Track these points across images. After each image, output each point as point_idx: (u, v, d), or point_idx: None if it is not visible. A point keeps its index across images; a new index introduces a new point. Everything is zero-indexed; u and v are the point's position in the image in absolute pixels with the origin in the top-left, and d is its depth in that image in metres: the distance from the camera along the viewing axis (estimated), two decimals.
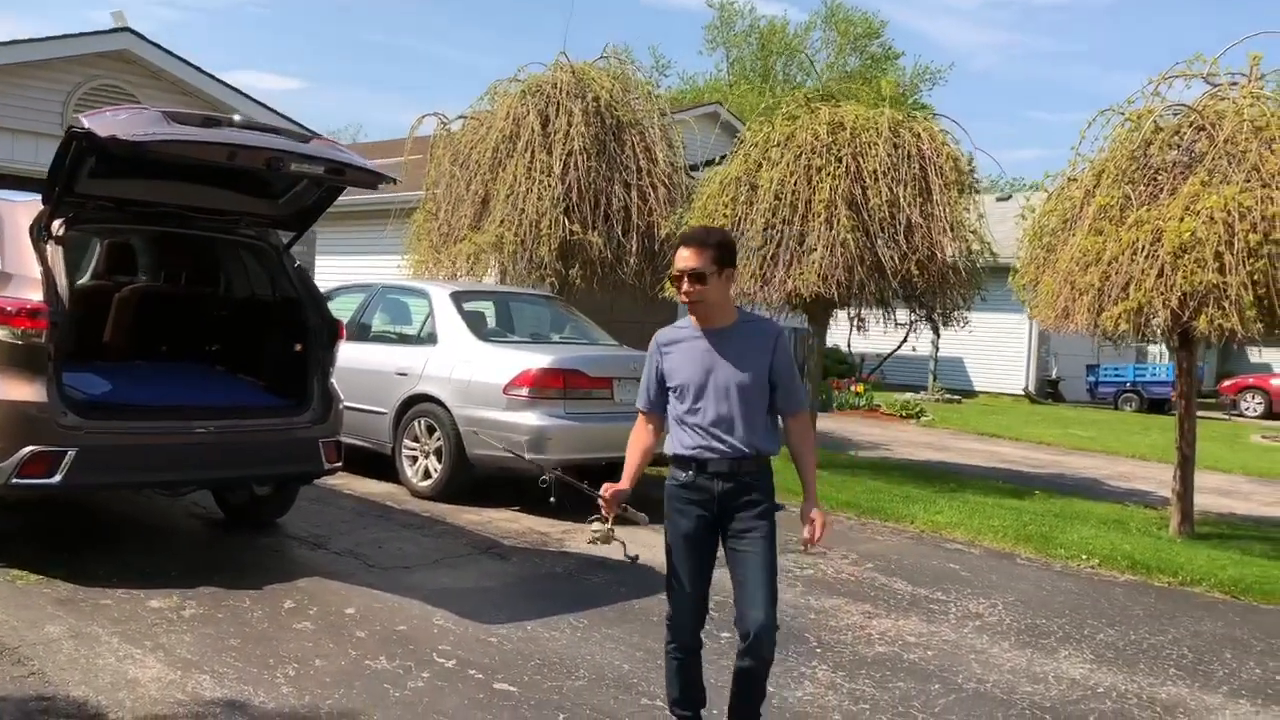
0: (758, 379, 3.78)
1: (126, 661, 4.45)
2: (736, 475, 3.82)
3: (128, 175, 5.81)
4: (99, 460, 5.45)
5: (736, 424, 3.78)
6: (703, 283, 3.72)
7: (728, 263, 3.78)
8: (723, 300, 3.80)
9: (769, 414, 3.85)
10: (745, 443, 3.79)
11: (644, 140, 12.17)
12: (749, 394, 3.77)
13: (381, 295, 9.37)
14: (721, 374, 3.78)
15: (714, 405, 3.79)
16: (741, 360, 3.78)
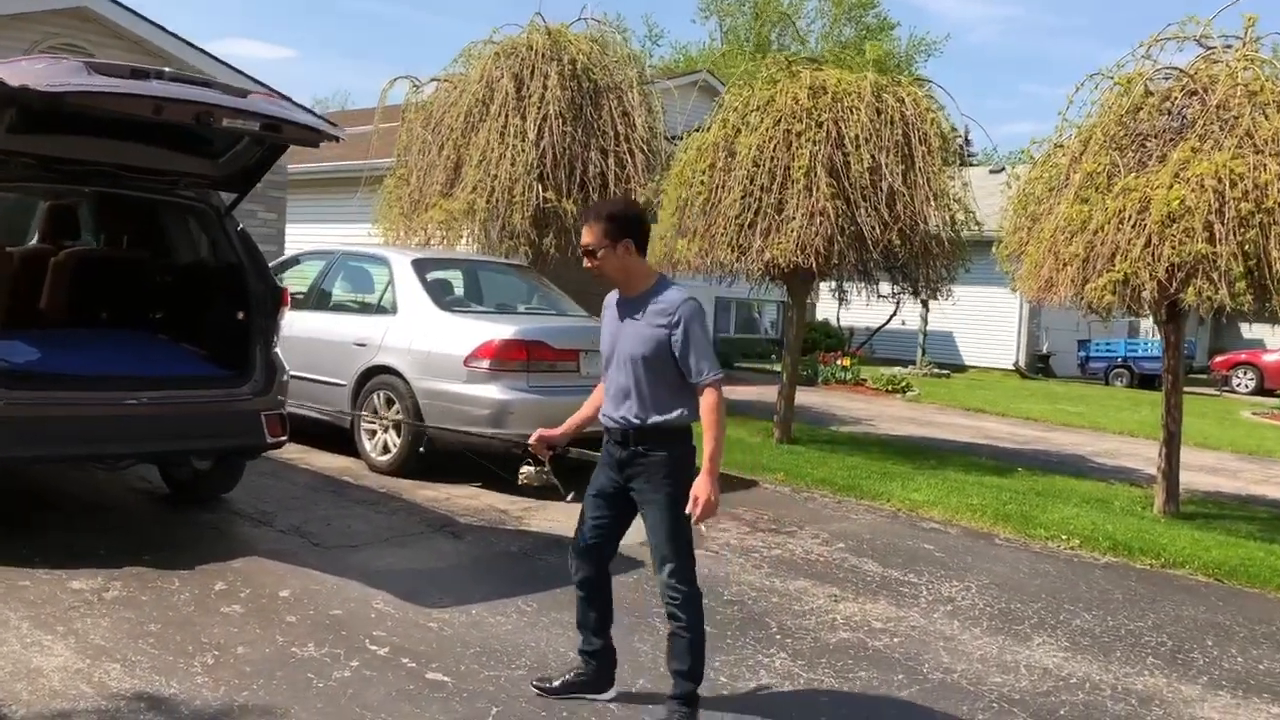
0: (657, 350, 3.77)
1: (33, 649, 4.16)
2: (629, 444, 3.87)
3: (54, 131, 5.47)
4: (21, 433, 5.15)
5: (632, 394, 3.83)
6: (594, 257, 3.81)
7: (623, 234, 3.81)
8: (621, 271, 3.85)
9: (675, 384, 3.81)
10: (638, 414, 3.83)
11: (622, 105, 11.80)
12: (645, 365, 3.79)
13: (342, 263, 9.03)
14: (623, 344, 3.86)
15: (615, 374, 3.89)
16: (641, 331, 3.81)
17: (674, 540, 3.86)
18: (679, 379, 3.79)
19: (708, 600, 5.39)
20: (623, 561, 6.04)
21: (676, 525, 3.83)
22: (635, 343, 3.81)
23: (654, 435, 3.83)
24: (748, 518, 7.46)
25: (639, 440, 3.85)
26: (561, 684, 4.15)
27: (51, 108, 4.93)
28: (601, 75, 11.89)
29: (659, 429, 3.82)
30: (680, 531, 3.85)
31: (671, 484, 3.82)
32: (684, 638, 3.89)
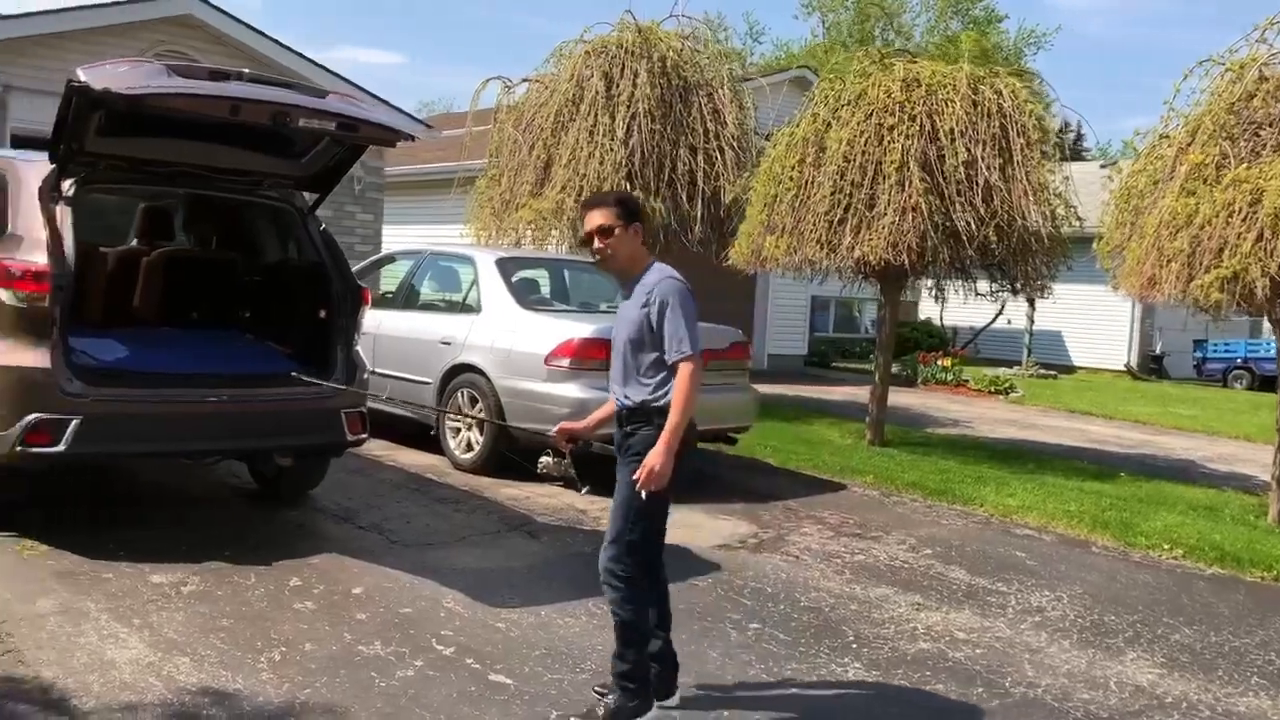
0: (639, 330, 3.82)
1: (108, 641, 4.24)
2: (623, 424, 3.91)
3: (142, 133, 5.60)
4: (105, 428, 5.26)
5: (620, 376, 3.91)
6: (611, 235, 3.87)
7: (633, 218, 3.93)
8: (630, 255, 3.93)
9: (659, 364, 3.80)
10: (626, 394, 3.89)
11: (713, 102, 11.69)
12: (631, 346, 3.85)
13: (430, 262, 9.10)
14: (618, 328, 3.95)
15: (614, 358, 3.97)
16: (629, 313, 3.88)
17: (627, 521, 3.82)
18: (661, 359, 3.78)
19: (783, 606, 5.33)
20: (698, 564, 5.98)
21: (634, 506, 3.78)
22: (624, 325, 3.88)
23: (639, 415, 3.82)
24: (832, 521, 7.28)
25: (628, 420, 3.86)
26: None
27: (134, 110, 5.04)
28: (692, 72, 11.79)
29: (643, 408, 3.81)
30: (636, 514, 3.79)
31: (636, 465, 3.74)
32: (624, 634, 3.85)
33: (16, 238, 5.45)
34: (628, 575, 3.82)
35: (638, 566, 3.84)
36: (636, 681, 3.85)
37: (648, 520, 3.83)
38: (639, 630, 3.86)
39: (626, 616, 3.84)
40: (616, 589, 3.83)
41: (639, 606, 3.85)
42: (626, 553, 3.82)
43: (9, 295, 5.24)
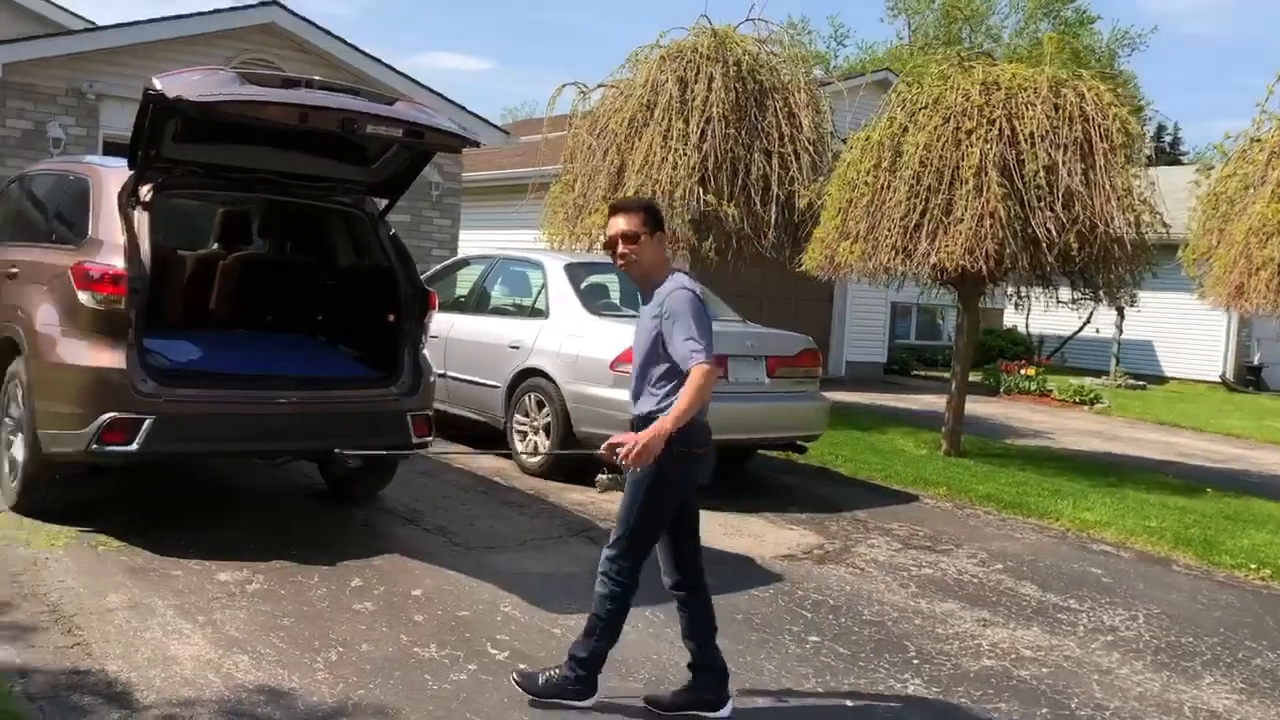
0: (651, 340, 3.84)
1: (172, 637, 4.33)
2: (638, 428, 3.83)
3: (217, 140, 5.73)
4: (177, 428, 5.39)
5: (637, 386, 3.94)
6: (636, 242, 3.86)
7: (659, 226, 3.93)
8: (654, 262, 3.92)
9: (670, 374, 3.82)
10: (640, 405, 3.92)
11: (789, 105, 11.58)
12: (646, 356, 3.88)
13: (501, 267, 9.17)
14: (636, 336, 3.97)
15: (633, 368, 3.98)
16: (645, 324, 3.90)
17: (626, 515, 3.88)
18: (673, 369, 3.79)
19: (844, 619, 5.24)
20: (760, 574, 5.91)
21: (635, 503, 3.85)
22: (641, 335, 3.91)
23: (646, 425, 3.78)
24: (901, 534, 7.14)
25: (638, 429, 3.81)
26: (670, 700, 4.05)
27: (207, 117, 5.16)
28: (768, 75, 11.70)
29: (650, 419, 3.79)
30: (640, 518, 3.86)
31: (655, 472, 3.78)
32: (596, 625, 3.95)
33: (97, 241, 5.61)
34: (623, 578, 3.91)
35: (634, 570, 3.93)
36: (587, 669, 3.96)
37: (651, 524, 3.90)
38: (611, 628, 3.97)
39: (605, 615, 3.95)
40: (607, 586, 3.92)
41: (620, 608, 3.95)
42: (625, 555, 3.89)
43: (88, 297, 5.39)
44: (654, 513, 3.87)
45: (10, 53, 10.84)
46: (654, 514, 3.87)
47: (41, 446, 5.51)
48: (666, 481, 3.81)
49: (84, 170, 6.22)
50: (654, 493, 3.81)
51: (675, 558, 4.05)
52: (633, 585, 3.94)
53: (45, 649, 4.10)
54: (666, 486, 3.83)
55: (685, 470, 3.86)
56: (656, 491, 3.81)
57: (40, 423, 5.49)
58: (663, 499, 3.84)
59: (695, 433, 3.84)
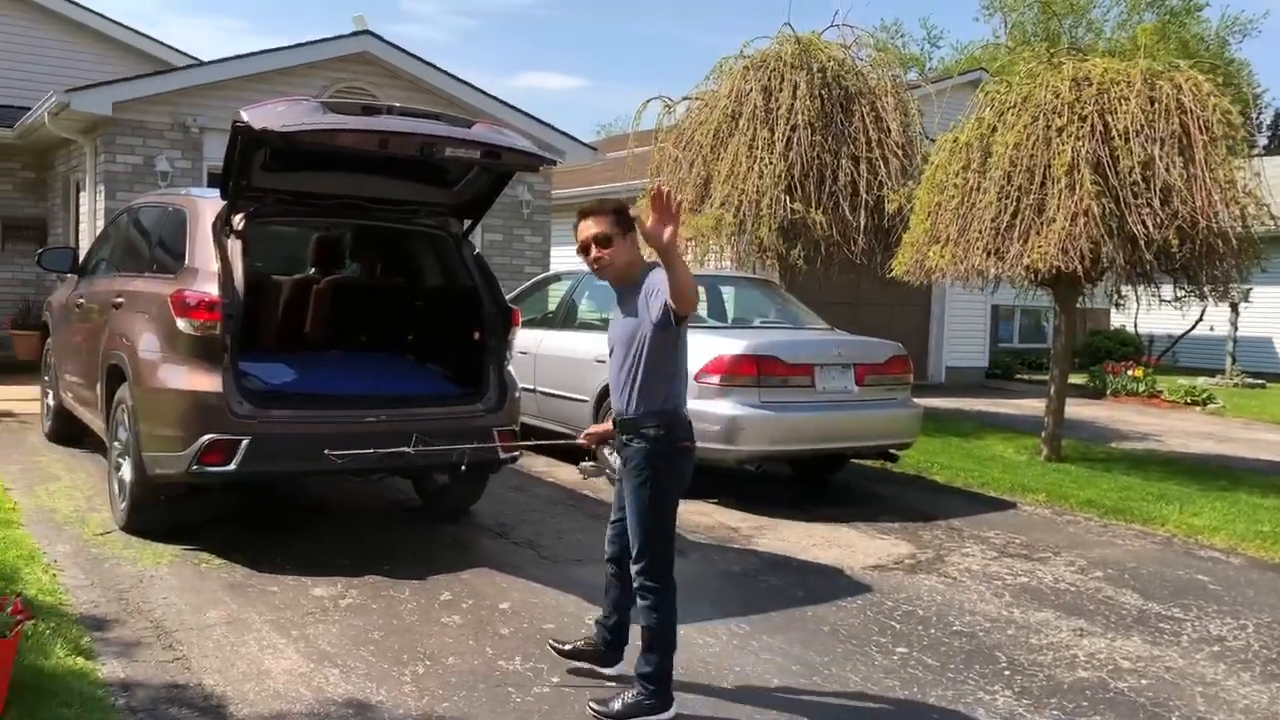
0: (640, 331, 3.80)
1: (267, 652, 4.47)
2: (623, 431, 3.94)
3: (305, 168, 5.92)
4: (272, 448, 5.56)
5: (621, 382, 3.90)
6: (609, 245, 3.88)
7: (630, 226, 3.90)
8: (629, 263, 3.92)
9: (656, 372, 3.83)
10: (626, 400, 3.89)
11: (875, 110, 11.47)
12: (631, 350, 3.84)
13: (587, 281, 9.24)
14: (616, 332, 3.96)
15: (612, 364, 3.97)
16: (628, 317, 3.87)
17: (640, 520, 3.90)
18: (662, 363, 3.82)
19: (935, 630, 5.15)
20: (848, 584, 5.85)
21: (644, 507, 3.88)
22: (624, 329, 3.89)
23: (630, 427, 3.89)
24: (997, 541, 6.99)
25: (622, 430, 3.92)
26: (573, 649, 4.37)
27: (292, 146, 5.33)
28: (853, 81, 11.61)
29: (634, 420, 3.87)
30: (652, 522, 3.90)
31: (649, 474, 3.86)
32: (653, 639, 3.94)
33: (194, 270, 5.84)
34: (658, 584, 3.93)
35: (666, 570, 3.95)
36: (656, 684, 3.95)
37: (662, 523, 3.95)
38: (667, 636, 3.96)
39: (656, 624, 3.94)
40: (648, 598, 3.93)
41: (668, 612, 3.95)
42: (653, 561, 3.92)
43: (186, 324, 5.61)
44: (661, 512, 3.93)
45: (119, 92, 11.35)
46: (662, 513, 3.93)
47: (146, 468, 5.75)
48: (662, 479, 3.90)
49: (182, 201, 6.49)
50: (656, 493, 3.89)
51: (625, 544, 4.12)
52: (670, 587, 3.98)
53: (148, 664, 4.27)
54: (663, 484, 3.91)
55: (677, 465, 3.95)
56: (657, 491, 3.89)
57: (144, 445, 5.73)
58: (665, 496, 3.92)
59: (682, 428, 3.95)
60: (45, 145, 13.72)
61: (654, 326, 3.75)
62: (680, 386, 3.96)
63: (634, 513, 3.93)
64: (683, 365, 3.97)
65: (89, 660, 4.20)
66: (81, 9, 15.00)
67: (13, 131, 13.43)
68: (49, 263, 8.20)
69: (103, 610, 4.83)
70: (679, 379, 3.94)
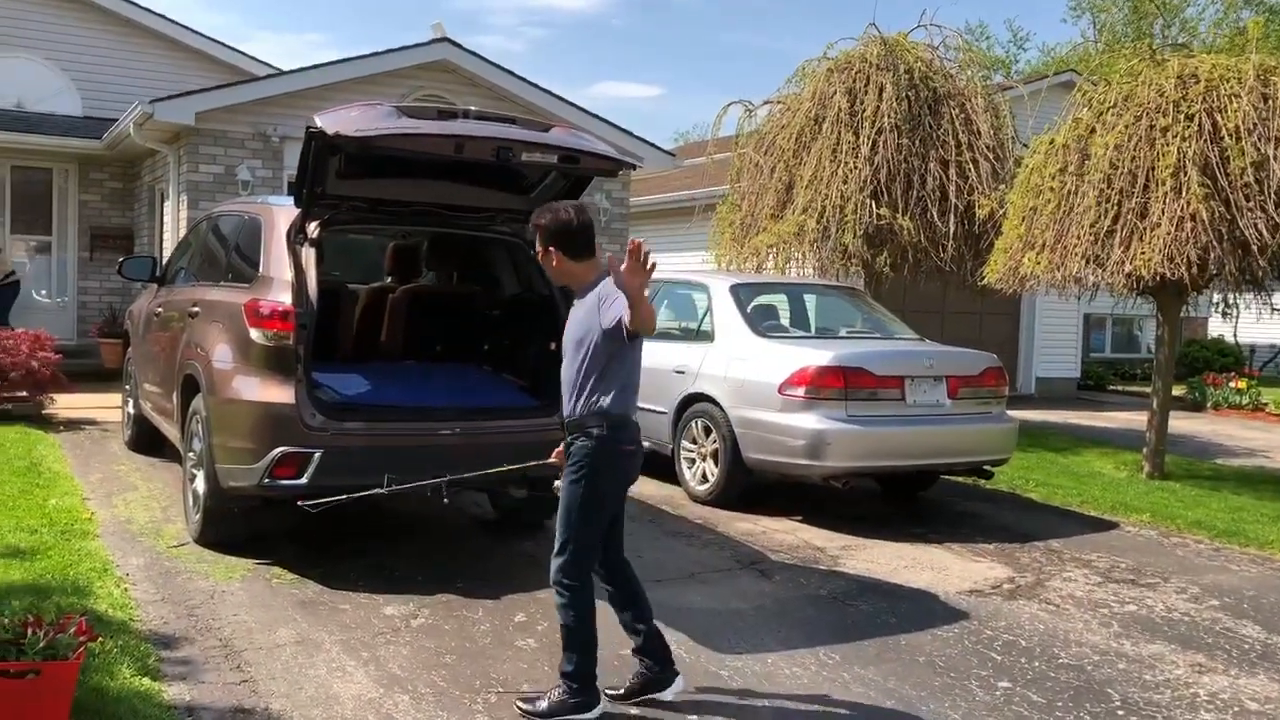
0: (591, 336, 3.88)
1: (335, 674, 4.31)
2: (569, 431, 4.00)
3: (380, 175, 5.79)
4: (344, 461, 5.43)
5: (571, 383, 3.97)
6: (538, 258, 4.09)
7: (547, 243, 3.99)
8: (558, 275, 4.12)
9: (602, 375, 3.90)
10: (574, 401, 3.96)
11: (965, 112, 11.08)
12: (580, 352, 3.93)
13: (666, 290, 9.01)
14: (568, 333, 4.04)
15: (564, 366, 4.04)
16: (581, 322, 3.96)
17: (571, 528, 3.94)
18: (610, 368, 3.89)
19: (1039, 662, 4.81)
20: (943, 611, 5.52)
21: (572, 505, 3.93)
22: (576, 330, 3.97)
23: (575, 426, 3.95)
24: (1100, 565, 6.59)
25: (569, 430, 3.99)
26: (626, 690, 4.18)
27: (366, 152, 5.19)
28: (942, 82, 11.24)
29: (579, 419, 3.94)
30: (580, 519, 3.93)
31: (587, 472, 3.91)
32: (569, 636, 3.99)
33: (268, 279, 5.74)
34: (575, 583, 3.94)
35: (585, 572, 3.98)
36: (579, 681, 3.98)
37: (590, 522, 3.97)
38: (584, 634, 3.98)
39: (572, 622, 3.96)
40: (564, 595, 3.94)
41: (583, 611, 3.96)
42: (573, 560, 3.94)
43: (259, 334, 5.51)
44: (591, 511, 3.95)
45: (202, 102, 11.42)
46: (590, 512, 3.95)
47: (220, 480, 5.65)
48: (599, 478, 3.92)
49: (257, 210, 6.40)
50: (590, 491, 3.92)
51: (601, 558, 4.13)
52: (588, 585, 3.99)
53: (214, 685, 4.13)
54: (600, 483, 3.93)
55: (618, 466, 3.98)
56: (592, 489, 3.92)
57: (218, 457, 5.64)
58: (599, 496, 3.95)
59: (626, 429, 3.98)
60: (132, 155, 13.93)
61: (603, 332, 3.83)
62: (630, 395, 4.01)
63: (564, 508, 3.96)
64: (634, 375, 4.02)
65: (155, 681, 4.07)
66: (168, 21, 15.22)
67: (101, 142, 13.66)
68: (129, 272, 8.22)
69: (172, 627, 4.72)
70: (630, 388, 3.99)
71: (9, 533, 5.83)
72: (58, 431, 9.37)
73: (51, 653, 3.43)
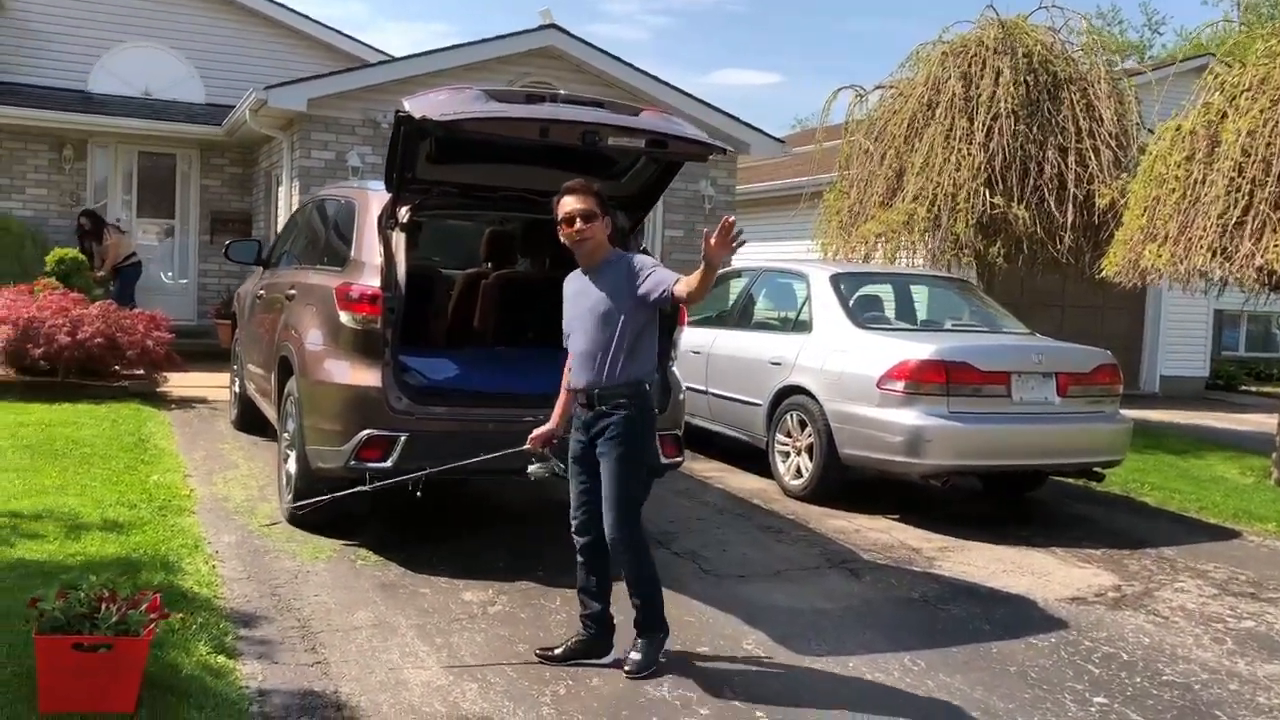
0: (623, 307, 4.13)
1: (407, 660, 4.29)
2: (593, 406, 4.23)
3: (470, 159, 5.76)
4: (427, 445, 5.42)
5: (597, 355, 4.18)
6: (591, 220, 4.21)
7: (607, 209, 4.34)
8: (601, 242, 4.28)
9: (634, 345, 4.17)
10: (605, 371, 4.17)
11: (1086, 97, 10.61)
12: (612, 325, 4.14)
13: (764, 279, 8.83)
14: (584, 307, 4.24)
15: (580, 338, 4.25)
16: (609, 293, 4.17)
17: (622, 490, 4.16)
18: (643, 336, 4.19)
19: (1140, 679, 4.54)
20: (1040, 619, 5.26)
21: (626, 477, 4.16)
22: (604, 304, 4.16)
23: (612, 396, 4.18)
24: (1217, 576, 6.21)
25: (600, 401, 4.19)
26: (564, 651, 4.33)
27: (452, 136, 5.16)
28: (1062, 66, 10.77)
29: (615, 389, 4.17)
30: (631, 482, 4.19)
31: (631, 440, 4.16)
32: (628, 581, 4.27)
33: (359, 263, 5.77)
34: (633, 533, 4.21)
35: (637, 520, 4.24)
36: (657, 619, 4.31)
37: (639, 486, 4.29)
38: (650, 573, 4.30)
39: (637, 569, 4.25)
40: (625, 550, 4.20)
41: (645, 554, 4.29)
42: (626, 515, 4.18)
43: (348, 318, 5.55)
44: (637, 469, 4.23)
45: (313, 89, 11.65)
46: (637, 470, 4.23)
47: (309, 461, 5.71)
48: (642, 441, 4.24)
49: (353, 194, 6.45)
50: (635, 452, 4.19)
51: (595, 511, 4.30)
52: (640, 530, 4.28)
53: (288, 666, 4.15)
54: (641, 445, 4.25)
55: (652, 427, 4.36)
56: (636, 451, 4.20)
57: (308, 438, 5.70)
58: (640, 455, 4.24)
59: (651, 398, 4.34)
60: (250, 141, 14.31)
61: (637, 301, 4.12)
62: (654, 361, 4.37)
63: (616, 479, 4.16)
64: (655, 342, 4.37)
65: (230, 659, 4.11)
66: (286, 10, 15.57)
67: (221, 128, 14.06)
68: (236, 255, 8.40)
69: (254, 606, 4.77)
70: (654, 353, 4.35)
71: (110, 507, 6.00)
72: (169, 409, 9.68)
73: (124, 628, 3.48)
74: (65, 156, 14.47)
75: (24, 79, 14.53)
